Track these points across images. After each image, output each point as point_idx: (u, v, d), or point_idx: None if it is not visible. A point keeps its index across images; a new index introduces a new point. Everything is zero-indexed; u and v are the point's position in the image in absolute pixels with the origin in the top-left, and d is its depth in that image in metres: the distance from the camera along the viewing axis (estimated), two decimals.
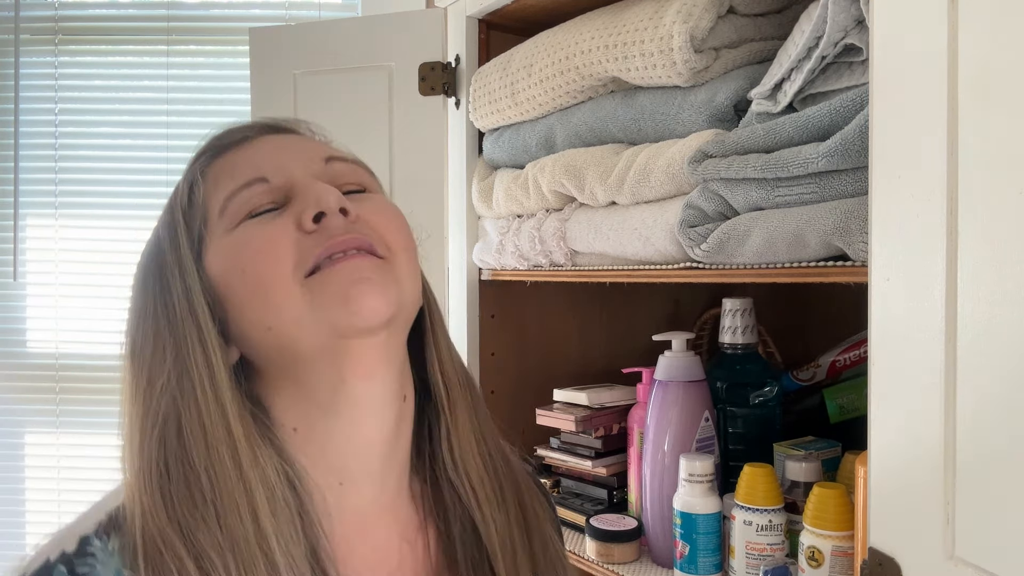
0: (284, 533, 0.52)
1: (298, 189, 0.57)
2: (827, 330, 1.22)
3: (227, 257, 0.56)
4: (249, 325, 0.56)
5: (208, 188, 0.58)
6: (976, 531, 0.53)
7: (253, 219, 0.56)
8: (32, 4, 2.06)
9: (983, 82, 0.51)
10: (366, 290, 0.54)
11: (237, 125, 0.64)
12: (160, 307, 0.56)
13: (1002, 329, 0.50)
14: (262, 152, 0.61)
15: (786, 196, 0.74)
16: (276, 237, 0.55)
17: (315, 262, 0.54)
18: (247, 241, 0.55)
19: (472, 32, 1.23)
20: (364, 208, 0.60)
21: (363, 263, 0.55)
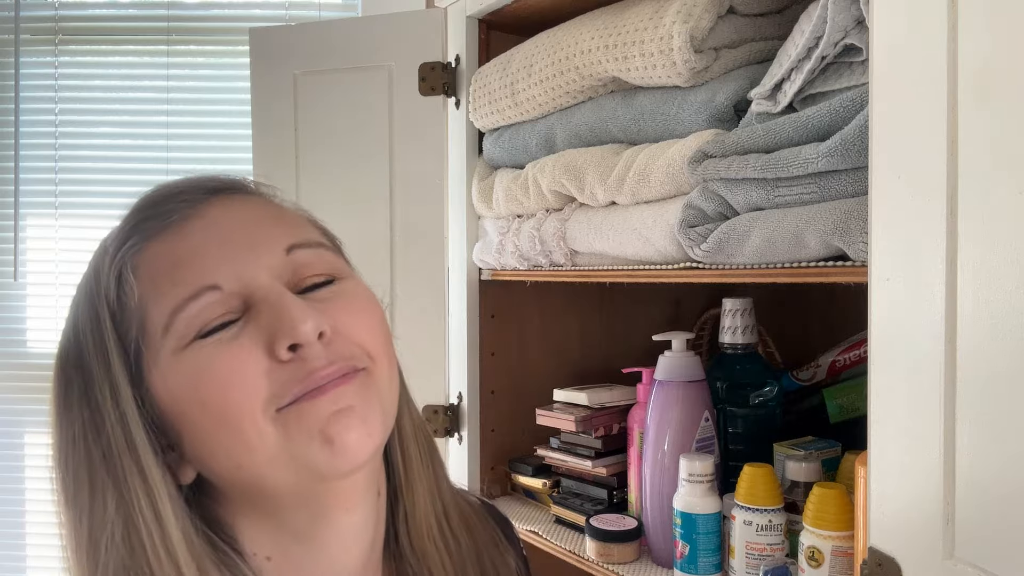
0: None
1: (262, 301, 0.49)
2: (827, 330, 1.22)
3: (181, 385, 0.47)
4: (212, 459, 0.49)
5: (144, 289, 0.49)
6: (976, 531, 0.53)
7: (207, 338, 0.48)
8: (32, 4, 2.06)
9: (983, 82, 0.51)
10: (349, 424, 0.48)
11: (169, 187, 0.53)
12: (92, 437, 0.48)
13: (1002, 329, 0.50)
14: (208, 243, 0.50)
15: (786, 196, 0.74)
16: (244, 368, 0.47)
17: (292, 398, 0.48)
18: (206, 369, 0.47)
19: (472, 32, 1.23)
20: (338, 313, 0.52)
21: (345, 389, 0.49)
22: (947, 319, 0.54)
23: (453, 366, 1.28)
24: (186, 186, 0.53)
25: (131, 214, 0.52)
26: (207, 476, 0.51)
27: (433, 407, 1.30)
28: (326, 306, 0.51)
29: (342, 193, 1.35)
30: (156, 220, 0.51)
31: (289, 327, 0.48)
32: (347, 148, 1.35)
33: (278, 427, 0.47)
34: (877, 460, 0.60)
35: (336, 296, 0.54)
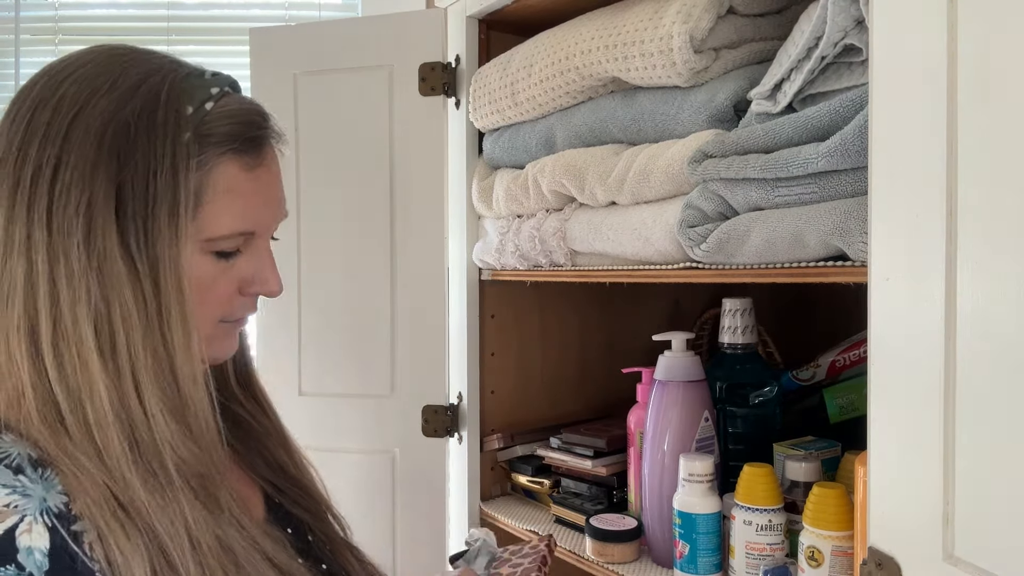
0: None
1: (259, 249, 0.65)
2: (827, 330, 1.22)
3: (190, 268, 0.59)
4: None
5: (216, 189, 0.60)
6: (976, 531, 0.53)
7: (219, 258, 0.62)
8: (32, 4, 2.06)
9: (982, 82, 0.51)
10: (233, 344, 0.68)
11: (258, 128, 0.64)
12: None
13: (1002, 329, 0.50)
14: (263, 199, 0.64)
15: (786, 196, 0.74)
16: (223, 296, 0.63)
17: (231, 320, 0.65)
18: (207, 282, 0.61)
19: (472, 32, 1.23)
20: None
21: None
22: (947, 319, 0.54)
23: (453, 366, 1.28)
24: (265, 120, 0.65)
25: (228, 117, 0.61)
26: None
27: (433, 407, 1.30)
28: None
29: (342, 193, 1.36)
30: (251, 147, 0.62)
31: (267, 285, 0.65)
32: (347, 148, 1.35)
33: (215, 331, 0.64)
34: (877, 460, 0.60)
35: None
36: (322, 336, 1.38)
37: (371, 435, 1.36)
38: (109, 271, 0.55)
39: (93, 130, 0.56)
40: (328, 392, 1.38)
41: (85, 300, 0.54)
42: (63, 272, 0.54)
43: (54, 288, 0.54)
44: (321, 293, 1.38)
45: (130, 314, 0.55)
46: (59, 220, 0.55)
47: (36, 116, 0.57)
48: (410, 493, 1.34)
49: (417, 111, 1.30)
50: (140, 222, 0.56)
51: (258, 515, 0.69)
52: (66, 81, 0.58)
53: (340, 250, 1.36)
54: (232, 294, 0.63)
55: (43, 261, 0.55)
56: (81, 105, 0.57)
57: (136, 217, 0.56)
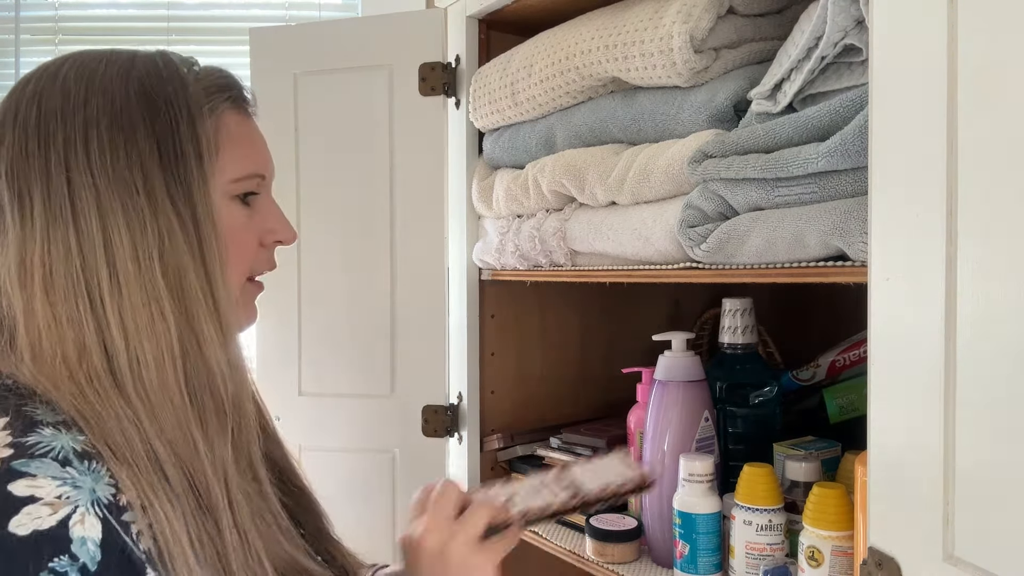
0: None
1: (268, 196, 0.69)
2: (827, 330, 1.22)
3: (219, 219, 0.62)
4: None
5: (224, 138, 0.63)
6: (976, 531, 0.53)
7: (243, 204, 0.65)
8: (32, 4, 2.06)
9: (983, 82, 0.51)
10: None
11: (243, 85, 0.69)
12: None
13: (1002, 329, 0.50)
14: (262, 143, 0.69)
15: (786, 196, 0.74)
16: (247, 246, 0.66)
17: (255, 276, 0.69)
18: (233, 228, 0.64)
19: (472, 32, 1.23)
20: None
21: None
22: (947, 319, 0.54)
23: (453, 366, 1.28)
24: (247, 91, 0.70)
25: (214, 72, 0.66)
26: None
27: (433, 407, 1.30)
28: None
29: (342, 193, 1.36)
30: (239, 99, 0.67)
31: (285, 231, 0.69)
32: (347, 148, 1.35)
33: (242, 292, 0.67)
34: (877, 460, 0.60)
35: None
36: (322, 336, 1.38)
37: (371, 435, 1.36)
38: (164, 216, 0.58)
39: (113, 94, 0.59)
40: (328, 392, 1.38)
41: (153, 242, 0.58)
42: (121, 220, 0.57)
43: (107, 236, 0.57)
44: (321, 293, 1.38)
45: (185, 255, 0.59)
46: (108, 173, 0.57)
47: (44, 104, 0.59)
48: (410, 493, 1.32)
49: (417, 111, 1.30)
50: (177, 172, 0.59)
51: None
52: (61, 72, 0.61)
53: (340, 250, 1.36)
54: (255, 246, 0.67)
55: (96, 218, 0.57)
56: (88, 81, 0.60)
57: (173, 168, 0.59)
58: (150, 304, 0.57)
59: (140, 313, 0.56)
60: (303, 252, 1.37)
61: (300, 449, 1.40)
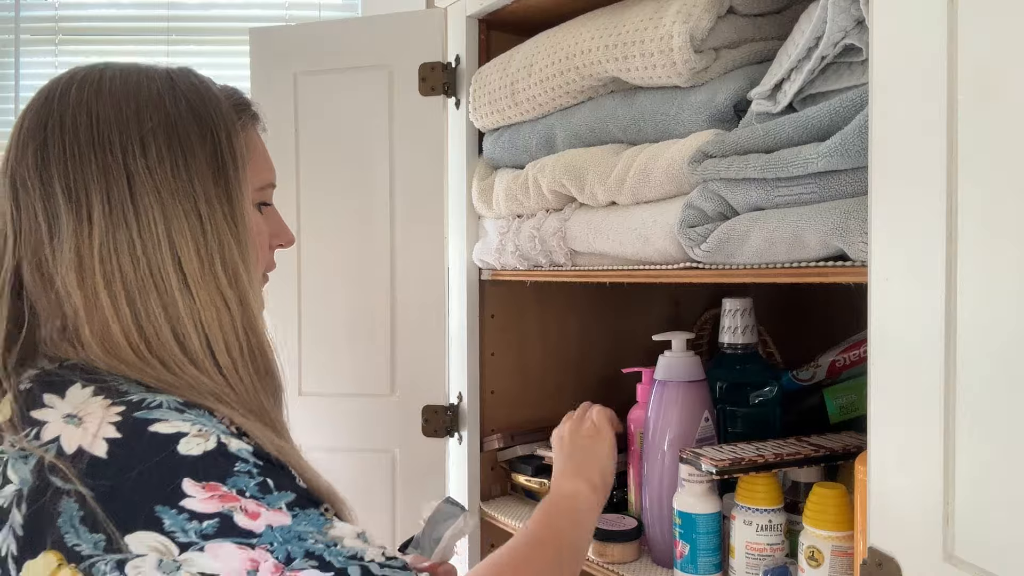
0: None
1: (275, 210, 0.77)
2: (827, 330, 1.22)
3: (252, 222, 0.70)
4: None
5: (248, 152, 0.70)
6: (976, 531, 0.53)
7: (259, 210, 0.73)
8: (32, 4, 2.06)
9: (983, 82, 0.51)
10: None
11: (253, 103, 0.76)
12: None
13: (1002, 329, 0.50)
14: (268, 156, 0.76)
15: (786, 196, 0.74)
16: (264, 248, 0.74)
17: (267, 276, 0.78)
18: (256, 231, 0.70)
19: (472, 32, 1.23)
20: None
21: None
22: (947, 319, 0.54)
23: (453, 366, 1.28)
24: (255, 107, 0.76)
25: (234, 94, 0.73)
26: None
27: (433, 407, 1.30)
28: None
29: (342, 193, 1.36)
30: (257, 116, 0.75)
31: (287, 234, 0.78)
32: (347, 148, 1.35)
33: (261, 288, 0.74)
34: (877, 460, 0.60)
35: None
36: (322, 336, 1.38)
37: (371, 435, 1.36)
38: (219, 221, 0.65)
39: (164, 105, 0.64)
40: (328, 392, 1.38)
41: (214, 245, 0.64)
42: (186, 227, 0.63)
43: (171, 240, 0.62)
44: (321, 293, 1.37)
45: (235, 254, 0.66)
46: (169, 183, 0.63)
47: (98, 112, 0.63)
48: (410, 493, 1.34)
49: (417, 111, 1.30)
50: (223, 180, 0.66)
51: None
52: (104, 82, 0.65)
53: (340, 250, 1.36)
54: (267, 247, 0.75)
55: (161, 223, 0.62)
56: (136, 92, 0.64)
57: (220, 176, 0.66)
58: (214, 297, 0.63)
59: (207, 305, 0.63)
60: (303, 252, 1.37)
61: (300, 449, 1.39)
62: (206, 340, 0.63)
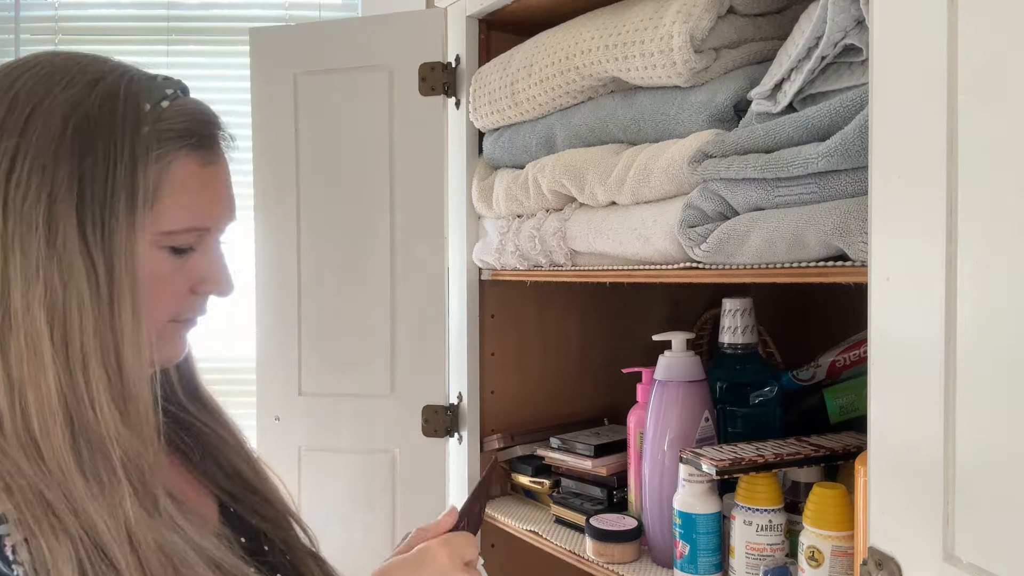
0: None
1: (210, 250, 0.65)
2: (827, 330, 1.22)
3: (143, 263, 0.59)
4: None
5: (172, 183, 0.61)
6: (976, 531, 0.53)
7: (172, 254, 0.62)
8: (32, 4, 2.06)
9: (983, 82, 0.51)
10: (184, 344, 0.68)
11: (208, 113, 0.66)
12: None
13: (1002, 329, 0.50)
14: (218, 195, 0.65)
15: (786, 196, 0.74)
16: (174, 295, 0.63)
17: (181, 320, 0.65)
18: (159, 278, 0.61)
19: (472, 32, 1.23)
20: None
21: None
22: (947, 319, 0.54)
23: (453, 366, 1.28)
24: (217, 120, 0.66)
25: (183, 114, 0.62)
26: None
27: (433, 407, 1.30)
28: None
29: (342, 193, 1.36)
30: (203, 145, 0.63)
31: (222, 284, 0.66)
32: (347, 148, 1.35)
33: (164, 330, 0.64)
34: (877, 460, 0.60)
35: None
36: (322, 336, 1.38)
37: (371, 435, 1.36)
38: (67, 261, 0.55)
39: (53, 122, 0.56)
40: (328, 392, 1.38)
41: (41, 289, 0.54)
42: (19, 261, 0.54)
43: (5, 277, 0.54)
44: (321, 293, 1.37)
45: (84, 304, 0.55)
46: (17, 210, 0.55)
47: None
48: (410, 493, 1.34)
49: (417, 111, 1.30)
50: (99, 213, 0.56)
51: (211, 523, 0.68)
52: (19, 80, 0.58)
53: (340, 250, 1.36)
54: (184, 292, 0.64)
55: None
56: (38, 100, 0.57)
57: (95, 208, 0.56)
58: (33, 352, 0.54)
59: (23, 357, 0.54)
60: (303, 252, 1.37)
61: (300, 449, 1.40)
62: (18, 404, 0.54)
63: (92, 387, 0.55)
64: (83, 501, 0.53)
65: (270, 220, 1.40)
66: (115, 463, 0.55)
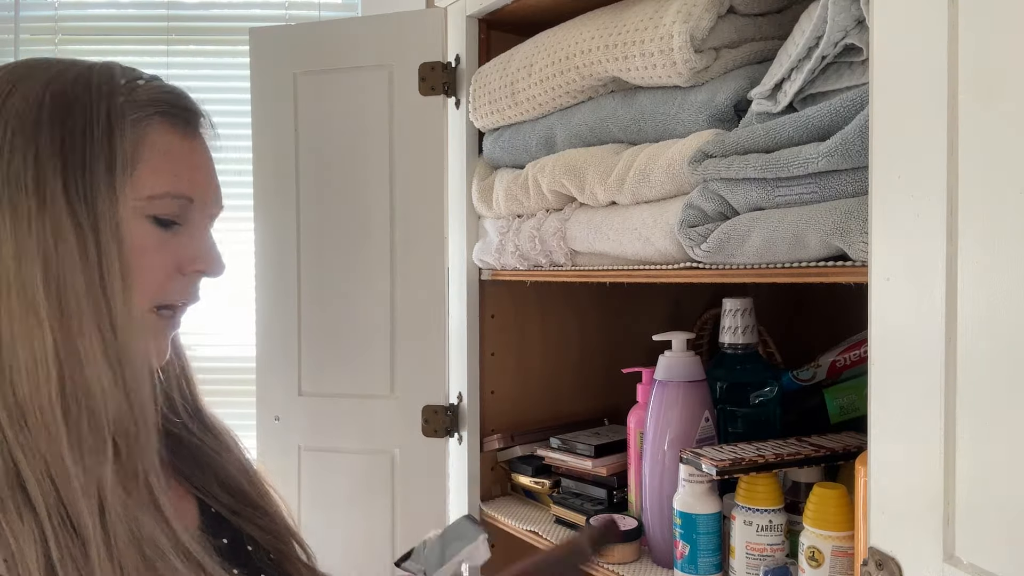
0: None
1: (199, 228, 0.64)
2: (827, 330, 1.22)
3: (127, 235, 0.59)
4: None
5: (151, 151, 0.61)
6: (976, 531, 0.53)
7: (158, 226, 0.61)
8: (32, 4, 2.06)
9: (983, 82, 0.51)
10: (169, 343, 0.66)
11: (184, 95, 0.66)
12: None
13: (1002, 329, 0.50)
14: (202, 166, 0.65)
15: (786, 196, 0.74)
16: (157, 269, 0.61)
17: (167, 305, 0.63)
18: (142, 251, 0.60)
19: (472, 32, 1.23)
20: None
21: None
22: (947, 319, 0.54)
23: (453, 366, 1.28)
24: (195, 103, 0.66)
25: (159, 88, 0.63)
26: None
27: (433, 407, 1.30)
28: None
29: (342, 193, 1.36)
30: (176, 115, 0.63)
31: (211, 262, 0.64)
32: (347, 148, 1.35)
33: (147, 321, 0.61)
34: (877, 460, 0.60)
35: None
36: (322, 336, 1.38)
37: (371, 435, 1.36)
38: (56, 221, 0.56)
39: (32, 95, 0.58)
40: (328, 392, 1.38)
41: (34, 246, 0.55)
42: (8, 220, 0.55)
43: None
44: (321, 293, 1.37)
45: (75, 264, 0.56)
46: (3, 172, 0.56)
47: None
48: (410, 493, 1.34)
49: (417, 111, 1.30)
50: (80, 178, 0.57)
51: (190, 523, 0.67)
52: (17, 67, 0.60)
53: (340, 250, 1.36)
54: (171, 271, 0.63)
55: None
56: (18, 80, 0.59)
57: (77, 173, 0.57)
58: (27, 308, 0.54)
59: (15, 316, 0.54)
60: (303, 252, 1.37)
61: (300, 449, 1.40)
62: (7, 362, 0.54)
63: (87, 344, 0.55)
64: (62, 462, 0.53)
65: (270, 220, 1.40)
66: (102, 422, 0.55)
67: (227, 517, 0.71)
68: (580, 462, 1.14)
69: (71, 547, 0.52)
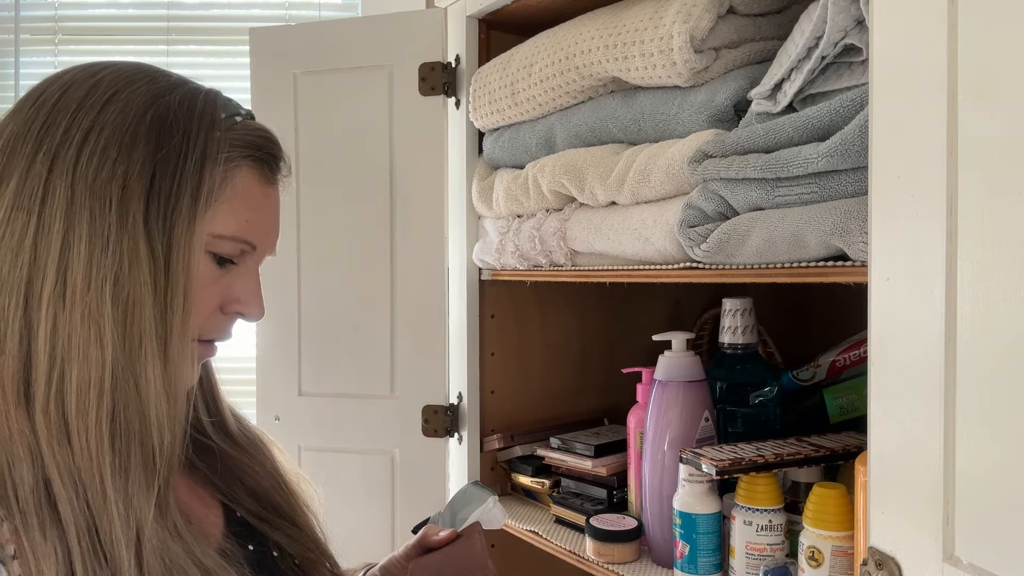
0: None
1: (248, 272, 0.66)
2: (827, 330, 1.22)
3: (193, 264, 0.59)
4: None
5: (235, 191, 0.62)
6: (976, 531, 0.53)
7: (215, 264, 0.62)
8: (32, 4, 2.06)
9: (983, 82, 0.51)
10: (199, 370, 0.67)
11: (276, 151, 0.67)
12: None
13: (1002, 329, 0.50)
14: (270, 215, 0.67)
15: (786, 196, 0.74)
16: (204, 304, 0.62)
17: (205, 339, 0.64)
18: (200, 284, 0.60)
19: (472, 32, 1.23)
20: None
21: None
22: (947, 319, 0.54)
23: (453, 366, 1.28)
24: (281, 148, 0.68)
25: (255, 130, 0.65)
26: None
27: (433, 407, 1.30)
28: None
29: (342, 193, 1.36)
30: (265, 162, 0.65)
31: (253, 306, 0.66)
32: (347, 148, 1.35)
33: (186, 349, 0.60)
34: (877, 460, 0.60)
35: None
36: (322, 336, 1.38)
37: (371, 435, 1.36)
38: (134, 243, 0.55)
39: (133, 107, 0.58)
40: (328, 392, 1.38)
41: (109, 265, 0.54)
42: (85, 235, 0.54)
43: (66, 250, 0.53)
44: (321, 293, 1.37)
45: (147, 289, 0.55)
46: (88, 183, 0.55)
47: (67, 94, 0.57)
48: (410, 493, 1.34)
49: (417, 111, 1.30)
50: (163, 203, 0.57)
51: (215, 535, 0.67)
52: (103, 71, 0.60)
53: (340, 250, 1.36)
54: (215, 307, 0.63)
55: (61, 219, 0.54)
56: (121, 86, 0.58)
57: (161, 198, 0.57)
58: (90, 325, 0.53)
59: (76, 331, 0.53)
60: (303, 252, 1.37)
61: (300, 449, 1.40)
62: (58, 376, 0.52)
63: (148, 371, 0.55)
64: (102, 488, 0.52)
65: None
66: (149, 452, 0.54)
67: (253, 523, 0.71)
68: (580, 462, 1.14)
69: (99, 573, 0.51)
